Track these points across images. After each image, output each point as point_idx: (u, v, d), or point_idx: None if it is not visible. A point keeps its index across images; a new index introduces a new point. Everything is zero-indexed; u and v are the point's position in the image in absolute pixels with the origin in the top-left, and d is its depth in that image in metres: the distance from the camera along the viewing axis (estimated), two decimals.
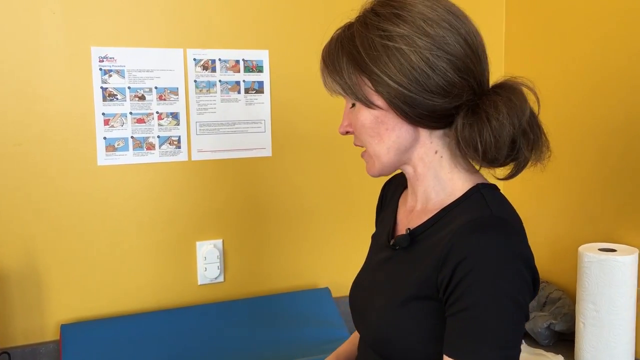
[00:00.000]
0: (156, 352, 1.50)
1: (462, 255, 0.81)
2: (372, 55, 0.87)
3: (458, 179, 0.93)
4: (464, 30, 0.88)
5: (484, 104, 0.86)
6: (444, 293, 0.83)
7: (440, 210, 0.91)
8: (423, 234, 0.92)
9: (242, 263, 1.72)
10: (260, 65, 1.67)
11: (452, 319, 0.82)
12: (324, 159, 1.77)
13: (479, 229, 0.83)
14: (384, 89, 0.87)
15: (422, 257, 0.89)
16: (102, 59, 1.53)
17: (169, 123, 1.60)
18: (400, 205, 1.06)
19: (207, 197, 1.66)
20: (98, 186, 1.56)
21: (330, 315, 1.69)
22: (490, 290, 0.80)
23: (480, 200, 0.89)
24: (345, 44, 0.91)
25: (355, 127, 0.94)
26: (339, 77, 0.91)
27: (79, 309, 1.56)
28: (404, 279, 0.91)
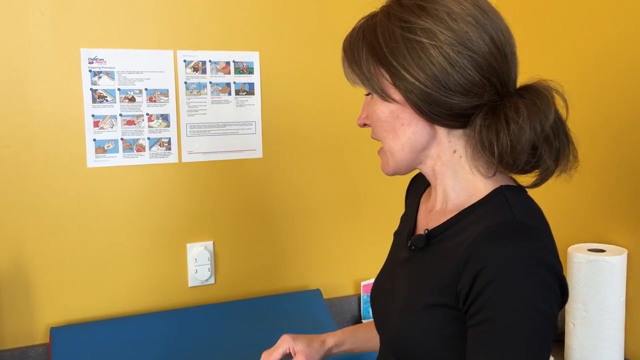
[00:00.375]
0: (146, 355, 1.49)
1: (481, 263, 0.77)
2: (391, 47, 0.84)
3: (479, 180, 0.88)
4: (490, 27, 0.84)
5: (504, 106, 0.81)
6: (464, 302, 0.80)
7: (459, 212, 0.88)
8: (440, 235, 0.89)
9: (233, 265, 1.71)
10: (251, 66, 1.67)
11: (474, 330, 0.78)
12: (315, 160, 1.77)
13: (498, 235, 0.79)
14: (401, 82, 0.84)
15: (440, 262, 0.86)
16: (91, 61, 1.52)
17: (159, 125, 1.60)
18: (422, 203, 1.02)
19: (197, 199, 1.66)
20: (88, 188, 1.55)
21: (322, 316, 1.69)
22: (513, 301, 0.75)
23: (503, 204, 0.84)
24: (367, 34, 0.88)
25: (372, 120, 0.92)
26: (357, 67, 0.89)
27: (69, 311, 1.55)
28: (422, 284, 0.88)
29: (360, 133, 1.81)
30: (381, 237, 1.87)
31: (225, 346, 1.56)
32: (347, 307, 1.83)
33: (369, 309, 1.82)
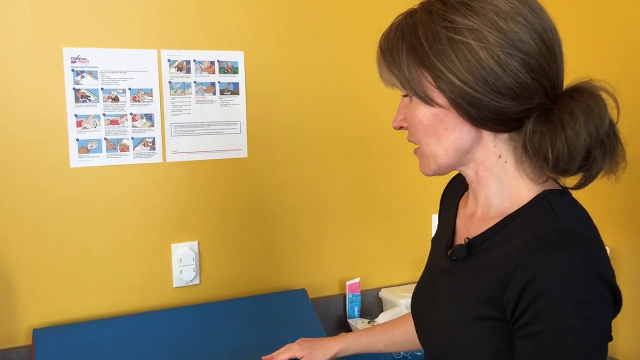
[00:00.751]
0: (130, 357, 1.48)
1: (530, 275, 0.74)
2: (436, 49, 0.79)
3: (524, 185, 0.85)
4: (540, 26, 0.79)
5: (558, 110, 0.77)
6: (511, 314, 0.77)
7: (502, 220, 0.84)
8: (482, 245, 0.86)
9: (218, 265, 1.71)
10: (236, 66, 1.67)
11: (522, 342, 0.76)
12: (300, 160, 1.77)
13: (546, 246, 0.75)
14: (446, 86, 0.79)
15: (483, 272, 0.83)
16: (74, 60, 1.51)
17: (143, 124, 1.59)
18: (461, 208, 0.98)
19: (182, 199, 1.65)
20: (70, 188, 1.54)
21: (307, 316, 1.69)
22: (564, 313, 0.72)
23: (547, 210, 0.80)
24: (407, 33, 0.83)
25: (411, 124, 0.87)
26: (397, 69, 0.84)
27: (52, 313, 1.54)
28: (466, 295, 0.85)
29: (346, 133, 1.82)
30: (366, 237, 1.88)
31: (211, 347, 1.55)
32: (332, 307, 1.83)
33: (354, 308, 1.82)
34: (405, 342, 1.21)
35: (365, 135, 1.84)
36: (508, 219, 0.84)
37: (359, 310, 1.83)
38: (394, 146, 1.87)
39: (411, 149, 0.93)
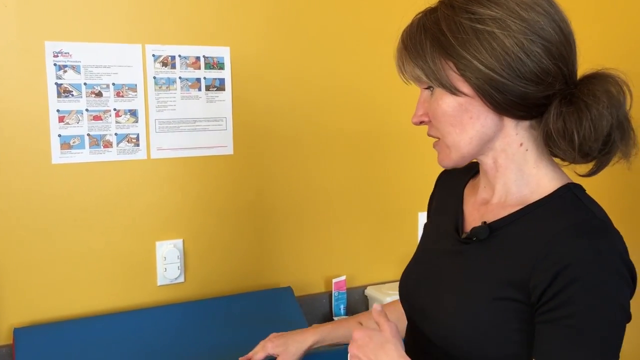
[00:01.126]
0: (114, 356, 1.46)
1: (566, 261, 0.78)
2: (461, 39, 0.83)
3: (544, 175, 0.89)
4: (557, 17, 0.85)
5: (581, 93, 0.82)
6: (538, 298, 0.80)
7: (525, 207, 0.88)
8: (503, 228, 0.89)
9: (203, 263, 1.69)
10: (222, 62, 1.65)
11: (551, 326, 0.79)
12: (286, 157, 1.76)
13: (584, 234, 0.80)
14: (472, 74, 0.83)
15: (507, 255, 0.86)
16: (56, 54, 1.48)
17: (127, 120, 1.56)
18: (467, 196, 1.01)
19: (166, 196, 1.63)
20: (52, 185, 1.51)
21: (293, 314, 1.68)
22: (598, 299, 0.77)
23: (576, 202, 0.85)
24: (429, 28, 0.87)
25: (435, 116, 0.89)
26: (422, 61, 0.87)
27: (33, 312, 1.51)
28: (483, 276, 0.88)
29: (333, 131, 1.81)
30: (353, 235, 1.87)
31: (195, 345, 1.54)
32: (318, 305, 1.82)
33: (340, 306, 1.82)
34: (347, 338, 1.21)
35: (352, 133, 1.83)
36: (532, 207, 0.87)
37: (345, 308, 1.82)
38: (381, 144, 1.86)
39: (398, 148, 0.94)
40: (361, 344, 0.90)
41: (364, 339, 0.90)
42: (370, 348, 0.88)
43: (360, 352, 0.89)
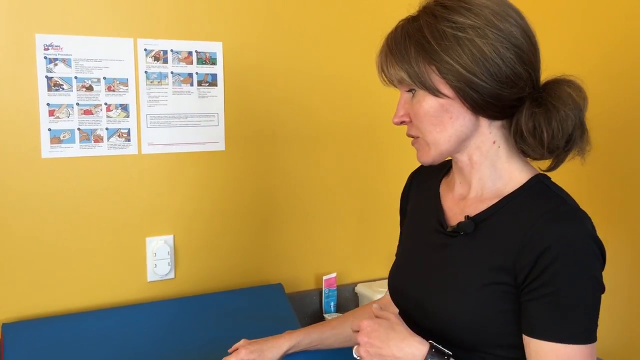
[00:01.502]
0: (103, 351, 1.45)
1: (545, 243, 0.87)
2: (443, 45, 0.91)
3: (515, 168, 0.98)
4: (526, 27, 0.94)
5: (549, 96, 0.91)
6: (524, 279, 0.89)
7: (502, 199, 0.96)
8: (485, 221, 0.96)
9: (194, 259, 1.68)
10: (214, 57, 1.64)
11: (537, 302, 0.88)
12: (278, 154, 1.75)
13: (559, 219, 0.89)
14: (454, 77, 0.91)
15: (491, 244, 0.94)
16: (47, 47, 1.46)
17: (118, 115, 1.55)
18: (444, 193, 1.08)
19: (157, 191, 1.62)
20: (42, 180, 1.49)
21: (283, 311, 1.68)
22: (576, 274, 0.87)
23: (546, 191, 0.95)
24: (413, 35, 0.94)
25: (417, 116, 0.96)
26: (406, 64, 0.94)
27: (22, 307, 1.50)
28: (472, 265, 0.95)
29: (324, 129, 1.80)
30: (343, 232, 1.88)
31: (185, 342, 1.53)
32: (308, 301, 1.82)
33: (330, 303, 1.82)
34: (321, 340, 1.26)
35: (344, 131, 1.83)
36: (508, 198, 0.96)
37: (335, 305, 1.82)
38: (372, 143, 1.86)
39: (386, 148, 0.97)
40: (370, 331, 0.95)
41: (372, 325, 0.96)
42: (380, 332, 0.95)
43: (370, 338, 0.95)
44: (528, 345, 0.90)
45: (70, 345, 1.44)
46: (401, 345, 0.93)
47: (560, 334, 0.87)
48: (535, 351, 0.89)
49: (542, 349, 0.88)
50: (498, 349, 0.94)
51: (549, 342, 0.88)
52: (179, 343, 1.52)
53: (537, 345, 0.89)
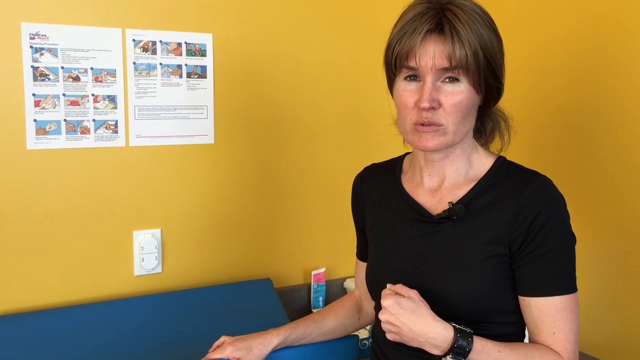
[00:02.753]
0: (90, 346, 1.43)
1: (536, 211, 0.97)
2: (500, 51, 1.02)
3: (482, 155, 1.08)
4: None
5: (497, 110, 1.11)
6: (519, 246, 0.98)
7: (478, 182, 1.05)
8: (470, 203, 1.04)
9: (181, 253, 1.66)
10: (204, 49, 1.61)
11: (533, 264, 0.98)
12: (267, 147, 1.74)
13: (542, 187, 1.00)
14: (494, 80, 1.01)
15: (482, 221, 1.02)
16: (33, 36, 1.43)
17: (105, 106, 1.53)
18: (412, 188, 1.12)
19: (145, 184, 1.59)
20: (27, 171, 1.46)
21: (272, 306, 1.67)
22: (562, 233, 0.99)
23: (515, 168, 1.06)
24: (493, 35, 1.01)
25: (451, 104, 0.98)
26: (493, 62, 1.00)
27: (7, 301, 1.48)
28: (470, 243, 1.02)
29: (314, 122, 1.79)
30: (332, 227, 1.87)
31: (172, 336, 1.51)
32: (297, 296, 1.81)
33: (319, 298, 1.81)
34: (338, 327, 1.29)
35: (334, 124, 1.82)
36: (483, 180, 1.05)
37: (324, 300, 1.82)
38: (362, 138, 1.85)
39: (377, 142, 1.11)
40: (393, 312, 0.97)
41: (393, 306, 0.97)
42: (402, 314, 0.97)
43: (393, 319, 0.97)
44: (528, 306, 1.00)
45: (56, 340, 1.42)
46: (425, 331, 0.96)
47: (558, 288, 0.98)
48: (536, 308, 0.99)
49: (542, 305, 0.98)
50: (498, 316, 1.02)
51: (548, 297, 0.98)
52: (166, 338, 1.51)
53: (536, 302, 0.99)
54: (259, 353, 1.19)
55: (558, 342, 0.98)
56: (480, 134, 1.11)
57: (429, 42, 0.96)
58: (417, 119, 1.00)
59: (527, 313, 1.01)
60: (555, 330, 0.98)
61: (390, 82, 1.07)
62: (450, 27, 0.95)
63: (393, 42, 1.00)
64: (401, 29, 0.99)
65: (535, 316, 1.00)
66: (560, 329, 0.98)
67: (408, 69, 0.99)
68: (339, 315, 1.30)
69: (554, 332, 0.98)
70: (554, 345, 0.99)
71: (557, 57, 1.58)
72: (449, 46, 0.95)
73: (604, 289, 1.49)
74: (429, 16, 0.97)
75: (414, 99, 0.99)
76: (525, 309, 1.01)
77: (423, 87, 0.98)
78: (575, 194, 1.53)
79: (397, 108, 1.05)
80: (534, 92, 1.65)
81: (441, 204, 1.07)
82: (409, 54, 0.98)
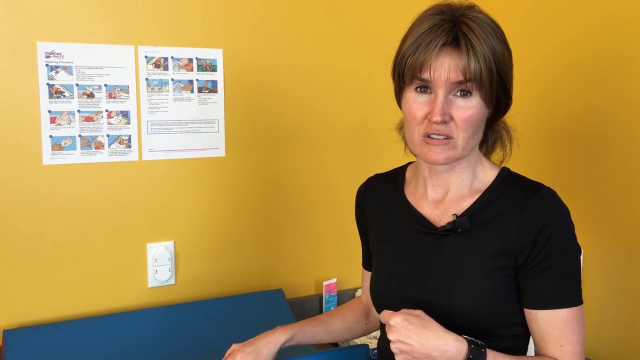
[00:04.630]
0: (104, 357, 1.46)
1: (542, 223, 0.97)
2: (510, 66, 1.02)
3: (485, 167, 1.08)
4: None
5: (502, 124, 1.11)
6: (525, 259, 0.98)
7: (483, 193, 1.05)
8: (475, 215, 1.03)
9: (194, 265, 1.69)
10: (214, 64, 1.65)
11: (538, 277, 0.98)
12: (278, 160, 1.76)
13: (547, 200, 0.99)
14: (504, 94, 1.01)
15: (487, 233, 1.01)
16: (48, 55, 1.47)
17: (119, 122, 1.56)
18: (415, 200, 1.12)
19: (158, 198, 1.62)
20: (43, 186, 1.50)
21: (284, 316, 1.68)
22: (568, 245, 0.99)
23: (518, 179, 1.06)
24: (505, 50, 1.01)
25: (463, 118, 0.98)
26: (504, 75, 0.99)
27: (23, 313, 1.51)
28: (475, 255, 1.01)
29: (324, 133, 1.81)
30: (343, 237, 1.88)
31: (186, 348, 1.53)
32: (309, 307, 1.82)
33: (330, 309, 1.82)
34: (344, 330, 1.29)
35: (344, 135, 1.84)
36: (488, 192, 1.05)
37: None
38: (373, 148, 1.87)
39: (388, 152, 1.12)
40: (401, 329, 0.94)
41: (402, 323, 0.95)
42: (414, 331, 0.94)
43: (403, 337, 0.94)
44: (534, 319, 0.99)
45: (71, 352, 1.45)
46: (437, 344, 0.93)
47: (565, 301, 0.98)
48: (543, 321, 0.98)
49: (549, 317, 0.98)
50: (502, 329, 1.01)
51: (555, 309, 0.97)
52: (180, 349, 1.53)
53: (544, 315, 0.98)
54: (267, 353, 1.17)
55: (565, 354, 0.98)
56: (482, 145, 1.10)
57: (444, 56, 0.96)
58: (426, 130, 0.99)
59: (534, 325, 1.00)
60: (562, 343, 0.98)
61: (398, 91, 1.06)
62: (466, 41, 0.95)
63: (407, 54, 0.98)
64: (415, 41, 0.97)
65: (542, 329, 0.99)
66: (568, 341, 0.98)
67: (420, 80, 0.98)
68: (346, 318, 1.30)
69: (562, 345, 0.98)
70: (562, 357, 0.98)
71: (563, 68, 1.59)
72: (464, 60, 0.95)
73: (612, 296, 1.49)
74: (444, 29, 0.96)
75: (424, 111, 0.99)
76: (532, 322, 1.00)
77: (435, 100, 0.97)
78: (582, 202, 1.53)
79: (406, 119, 1.04)
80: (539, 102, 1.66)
81: (445, 216, 1.07)
82: (424, 66, 0.97)
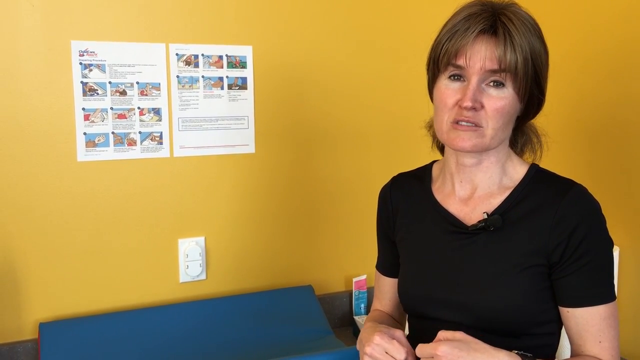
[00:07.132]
0: (136, 351, 1.48)
1: (576, 221, 0.96)
2: (546, 63, 1.00)
3: (516, 163, 1.06)
4: None
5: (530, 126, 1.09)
6: (560, 257, 0.97)
7: (513, 190, 1.03)
8: (507, 213, 1.01)
9: (225, 260, 1.70)
10: (244, 61, 1.66)
11: (573, 275, 0.97)
12: (308, 156, 1.76)
13: (579, 197, 0.98)
14: (538, 91, 1.00)
15: (519, 231, 0.99)
16: (82, 53, 1.50)
17: (150, 119, 1.58)
18: (443, 198, 1.09)
19: (189, 194, 1.64)
20: (77, 182, 1.53)
21: (313, 312, 1.69)
22: (602, 243, 0.98)
23: (549, 176, 1.04)
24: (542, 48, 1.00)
25: (494, 108, 0.96)
26: (540, 71, 0.98)
27: (58, 307, 1.54)
28: (507, 255, 1.00)
29: (355, 129, 1.81)
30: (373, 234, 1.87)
31: (216, 342, 1.55)
32: (338, 303, 1.82)
33: (360, 305, 1.82)
34: None
35: (374, 131, 1.83)
36: (518, 189, 1.03)
37: (366, 307, 1.82)
38: (400, 143, 1.86)
39: (421, 145, 1.09)
40: (452, 357, 0.89)
41: (452, 352, 0.89)
42: (464, 356, 0.89)
43: None
44: (572, 317, 0.98)
45: (104, 345, 1.47)
46: None
47: (601, 297, 0.97)
48: (581, 318, 0.97)
49: (587, 315, 0.97)
50: (534, 327, 0.99)
51: (592, 306, 0.96)
52: (211, 343, 1.54)
53: (582, 312, 0.97)
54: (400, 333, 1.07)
55: (605, 350, 0.97)
56: (511, 146, 1.08)
57: (480, 42, 0.94)
58: (456, 117, 0.97)
59: (572, 323, 0.99)
60: (601, 339, 0.97)
61: (431, 80, 1.04)
62: (505, 30, 0.94)
63: (443, 39, 0.98)
64: (453, 27, 0.97)
65: (580, 326, 0.98)
66: (606, 337, 0.97)
67: (455, 67, 0.97)
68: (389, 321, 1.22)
69: (600, 341, 0.97)
70: (601, 354, 0.97)
71: (601, 75, 1.56)
72: (500, 49, 0.93)
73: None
74: (483, 17, 0.95)
75: (456, 97, 0.97)
76: (570, 320, 0.99)
77: (467, 86, 0.95)
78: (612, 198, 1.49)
79: (436, 106, 1.02)
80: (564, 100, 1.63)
81: (475, 214, 1.04)
82: (459, 52, 0.95)
